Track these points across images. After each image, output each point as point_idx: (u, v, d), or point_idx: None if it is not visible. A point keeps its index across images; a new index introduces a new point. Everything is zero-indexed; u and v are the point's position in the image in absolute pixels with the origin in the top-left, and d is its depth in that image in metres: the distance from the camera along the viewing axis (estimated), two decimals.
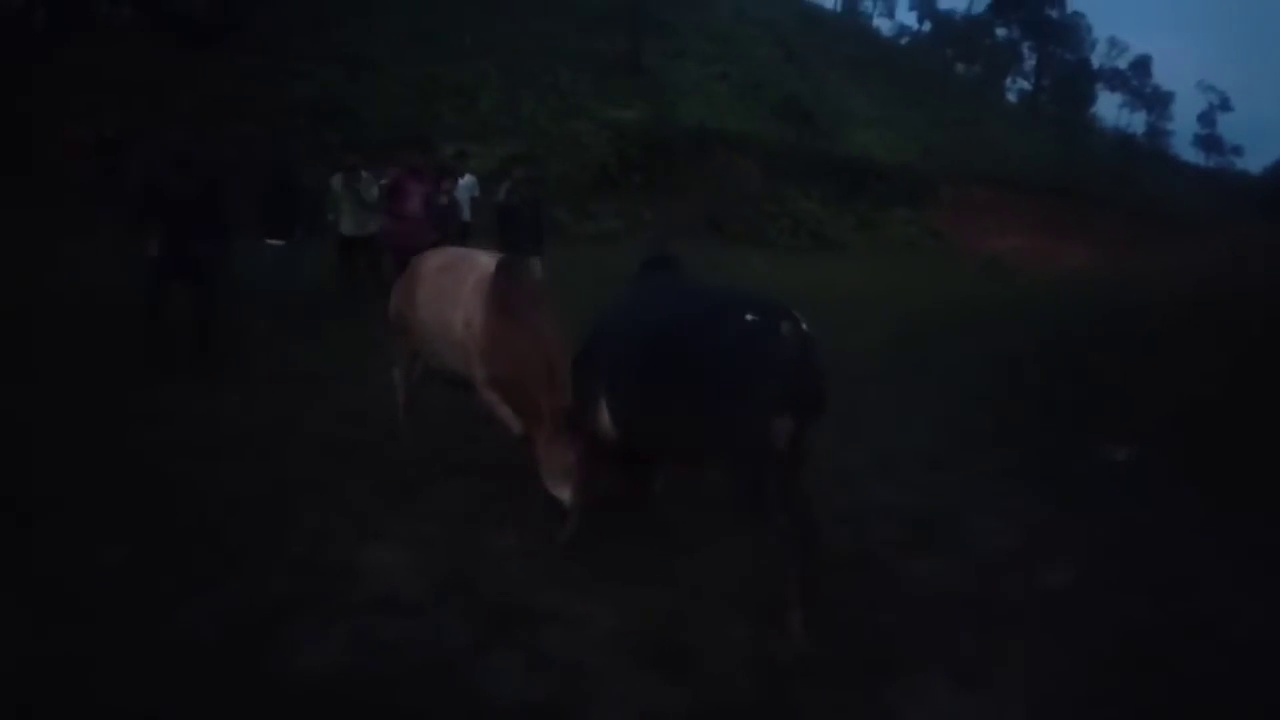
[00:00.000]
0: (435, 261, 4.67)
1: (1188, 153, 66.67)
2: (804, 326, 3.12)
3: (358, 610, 3.08)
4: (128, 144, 12.32)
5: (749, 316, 3.12)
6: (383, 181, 8.88)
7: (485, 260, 4.35)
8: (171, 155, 6.50)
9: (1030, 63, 56.76)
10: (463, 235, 9.91)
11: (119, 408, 5.10)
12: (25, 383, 5.38)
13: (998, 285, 15.55)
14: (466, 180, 11.62)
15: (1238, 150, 68.70)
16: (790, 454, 3.13)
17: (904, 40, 57.92)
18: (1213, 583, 3.48)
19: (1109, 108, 71.29)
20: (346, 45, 19.07)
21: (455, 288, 4.28)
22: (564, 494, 3.71)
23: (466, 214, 11.12)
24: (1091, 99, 61.27)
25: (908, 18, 69.09)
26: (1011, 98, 55.10)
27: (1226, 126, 70.74)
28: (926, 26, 62.79)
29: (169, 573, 3.22)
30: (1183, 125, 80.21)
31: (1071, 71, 56.31)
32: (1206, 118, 68.19)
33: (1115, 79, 64.97)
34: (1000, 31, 55.21)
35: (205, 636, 2.85)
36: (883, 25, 60.15)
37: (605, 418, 3.51)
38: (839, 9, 55.86)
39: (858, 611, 3.25)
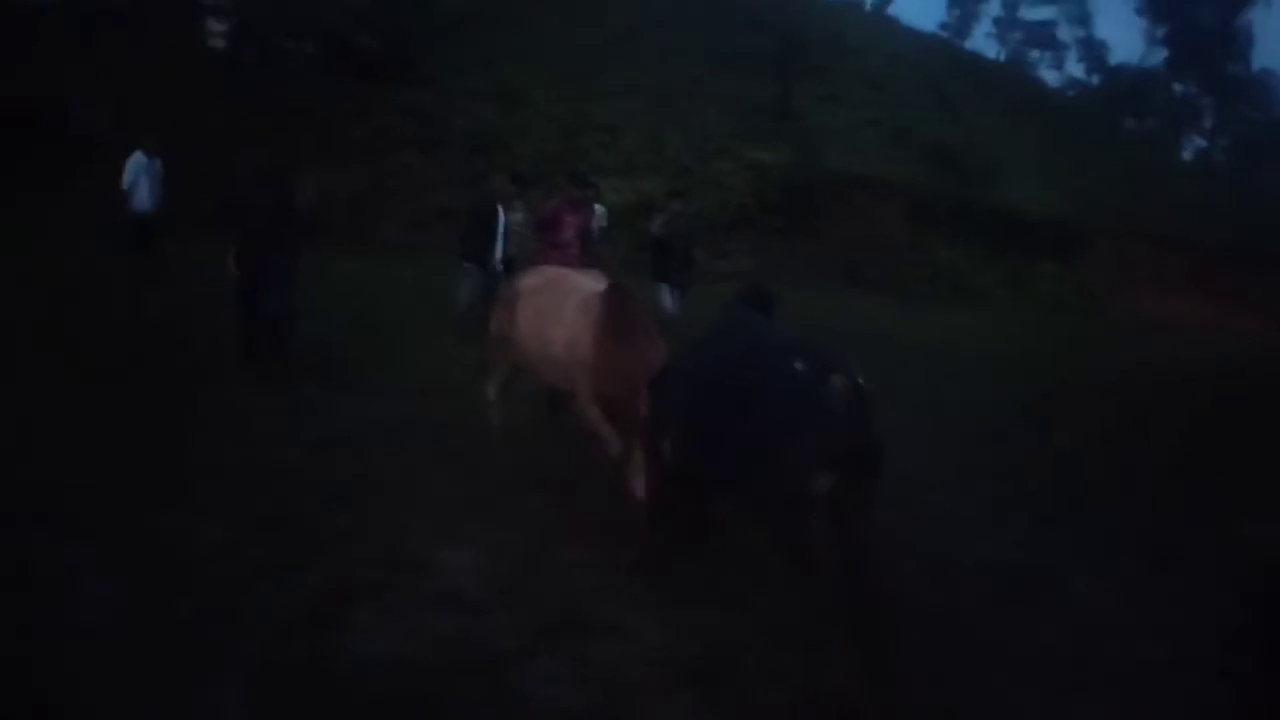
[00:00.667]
0: (534, 281, 4.89)
1: None
2: (858, 380, 3.03)
3: (422, 605, 3.22)
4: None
5: (798, 365, 3.09)
6: (529, 211, 9.33)
7: (586, 282, 4.51)
8: (258, 174, 7.04)
9: (1210, 120, 53.44)
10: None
11: (241, 405, 5.52)
12: (164, 380, 5.90)
13: (1150, 350, 14.65)
14: (597, 212, 11.96)
15: None
16: (845, 510, 3.06)
17: (1071, 93, 55.66)
18: None
19: None
20: (504, 82, 20.04)
21: (557, 306, 4.46)
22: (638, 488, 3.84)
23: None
24: (1277, 159, 56.99)
25: (1076, 69, 66.32)
26: (1187, 156, 51.98)
27: None
28: (1095, 79, 60.15)
29: (257, 554, 3.47)
30: None
31: (1258, 131, 52.54)
32: None
33: None
34: (1177, 87, 52.26)
35: (279, 614, 3.06)
36: (1049, 77, 58.03)
37: (667, 444, 3.56)
38: (1001, 58, 54.32)
39: (931, 664, 3.15)
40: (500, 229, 8.69)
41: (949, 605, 3.65)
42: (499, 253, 8.59)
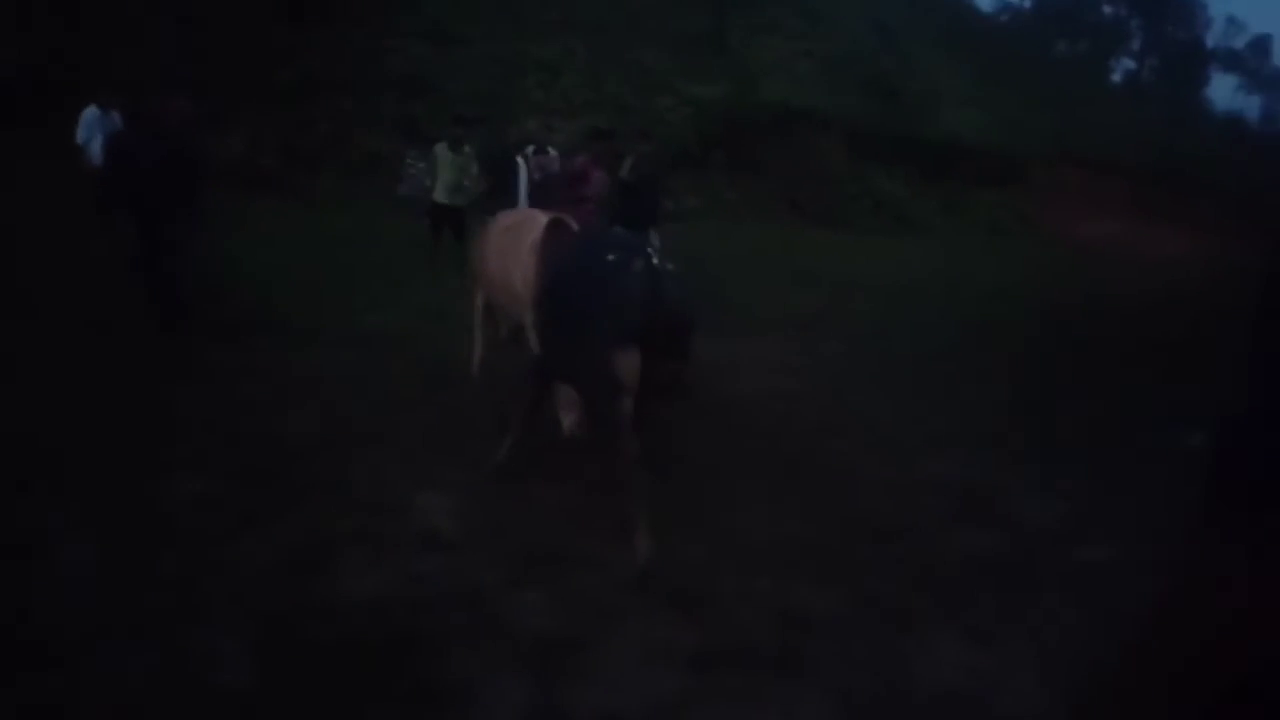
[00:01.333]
0: (505, 221, 4.99)
1: None
2: (660, 264, 3.44)
3: (400, 547, 3.32)
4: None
5: (609, 256, 3.43)
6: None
7: (544, 220, 4.58)
8: (141, 126, 6.26)
9: (1139, 42, 54.23)
10: None
11: (199, 364, 5.48)
12: (116, 340, 5.81)
13: (1084, 272, 15.13)
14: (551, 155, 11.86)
15: None
16: (653, 386, 3.39)
17: (1004, 18, 55.91)
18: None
19: (1223, 90, 67.61)
20: (437, 20, 19.46)
21: (516, 245, 4.55)
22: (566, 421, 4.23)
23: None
24: (1204, 81, 58.16)
25: None
26: (1117, 79, 52.75)
27: None
28: (1028, 3, 60.47)
29: (237, 506, 3.52)
30: None
31: (1182, 51, 53.52)
32: None
33: (1231, 60, 61.50)
34: (1106, 9, 52.85)
35: (263, 562, 3.13)
36: (982, 2, 58.11)
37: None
38: None
39: (886, 575, 3.36)
40: (522, 183, 8.52)
41: (899, 522, 3.86)
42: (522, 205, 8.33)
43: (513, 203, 8.24)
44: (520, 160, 8.79)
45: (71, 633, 2.64)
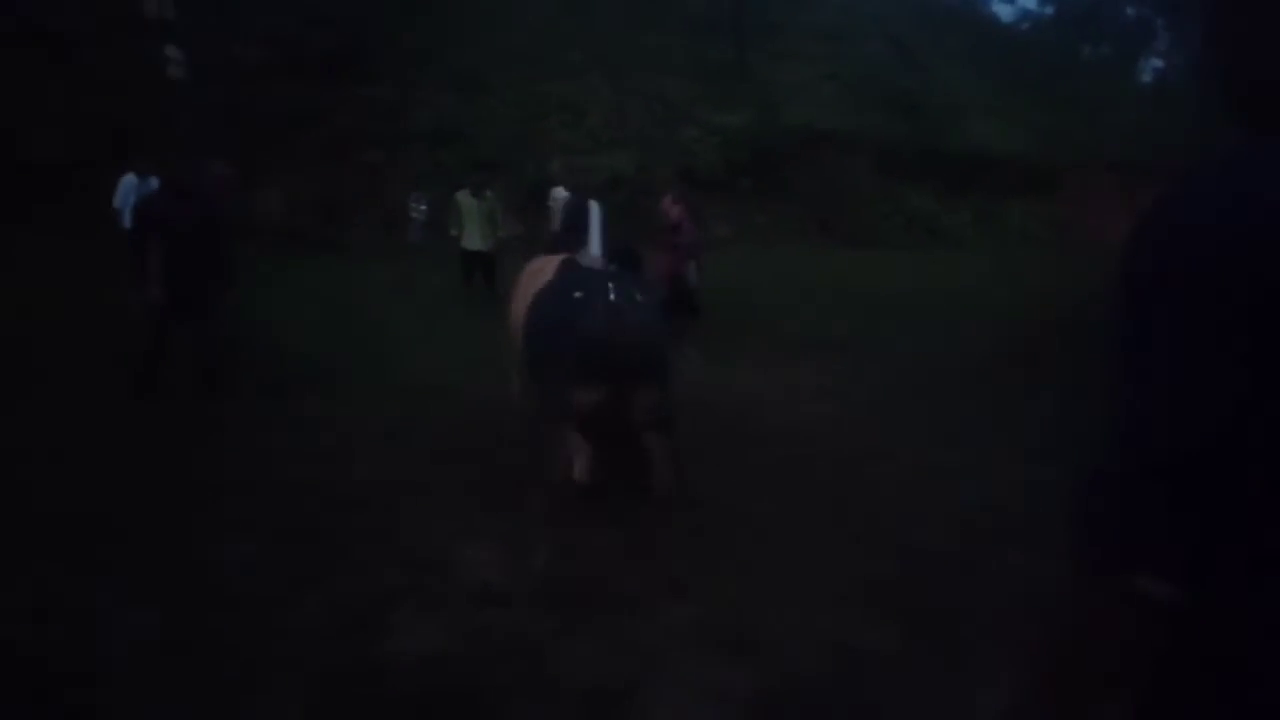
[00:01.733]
0: (532, 265, 5.05)
1: None
2: (620, 304, 3.56)
3: (452, 601, 3.34)
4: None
5: (576, 295, 3.60)
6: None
7: (556, 262, 4.66)
8: (170, 184, 6.27)
9: (1164, 41, 53.48)
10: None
11: (242, 421, 5.59)
12: (160, 400, 5.94)
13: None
14: (557, 190, 12.04)
15: None
16: (633, 420, 3.57)
17: (1024, 26, 55.51)
18: None
19: None
20: (462, 69, 19.84)
21: (530, 288, 4.62)
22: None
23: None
24: None
25: (1028, 0, 66.03)
26: (1146, 79, 51.99)
27: None
28: (1049, 10, 60.00)
29: (288, 566, 3.57)
30: None
31: None
32: None
33: None
34: (1130, 10, 52.28)
35: (318, 623, 3.16)
36: (1003, 12, 57.92)
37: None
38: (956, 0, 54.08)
39: (943, 608, 3.29)
40: (595, 226, 8.55)
41: (952, 551, 3.79)
42: (596, 249, 8.37)
43: (583, 244, 8.15)
44: (593, 204, 8.79)
45: (131, 699, 2.68)
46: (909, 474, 4.84)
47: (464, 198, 9.65)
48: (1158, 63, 55.06)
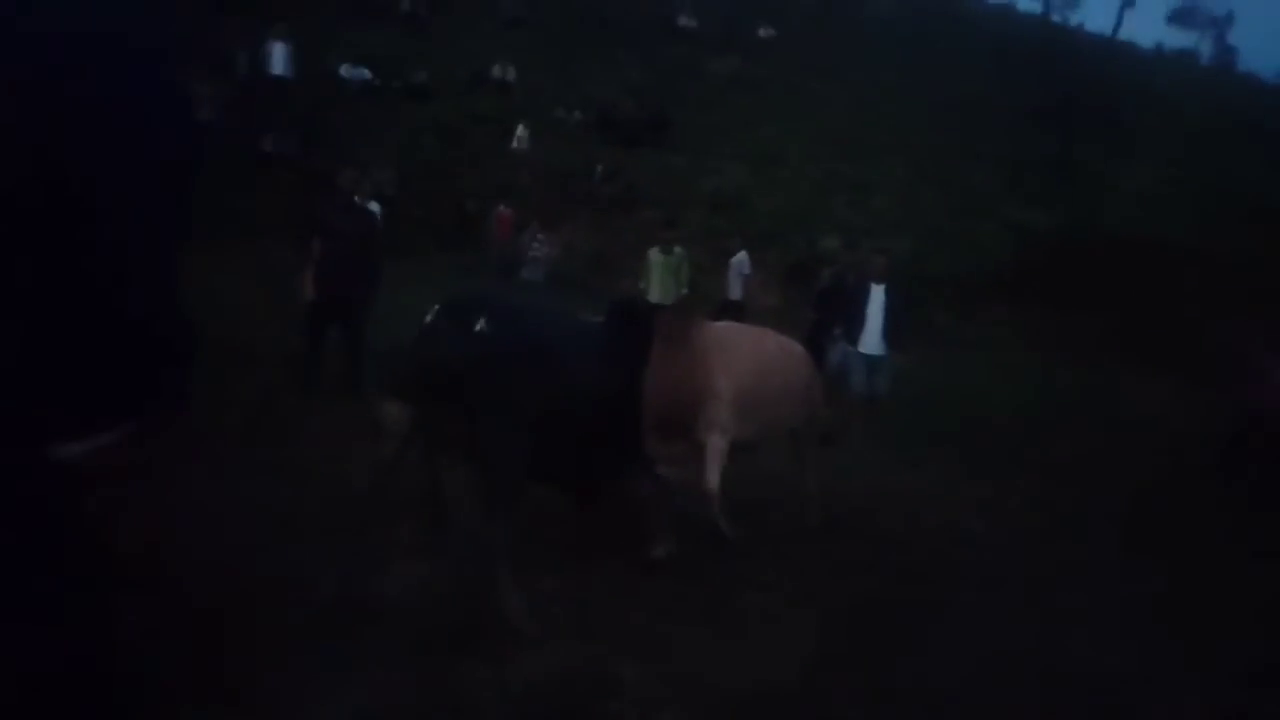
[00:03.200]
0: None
1: None
2: (454, 322, 3.58)
3: None
4: None
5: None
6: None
7: None
8: (343, 201, 6.96)
9: None
10: (735, 313, 10.21)
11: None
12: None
13: None
14: (738, 257, 12.23)
15: None
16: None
17: None
18: None
19: None
20: (761, 143, 20.27)
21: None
22: None
23: (736, 292, 11.85)
24: None
25: None
26: None
27: None
28: None
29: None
30: None
31: None
32: None
33: None
34: None
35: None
36: None
37: None
38: None
39: None
40: (876, 308, 8.31)
41: None
42: (876, 333, 8.27)
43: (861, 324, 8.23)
44: (874, 286, 8.48)
45: None
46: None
47: (654, 254, 9.87)
48: None
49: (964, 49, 25.16)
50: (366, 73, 19.69)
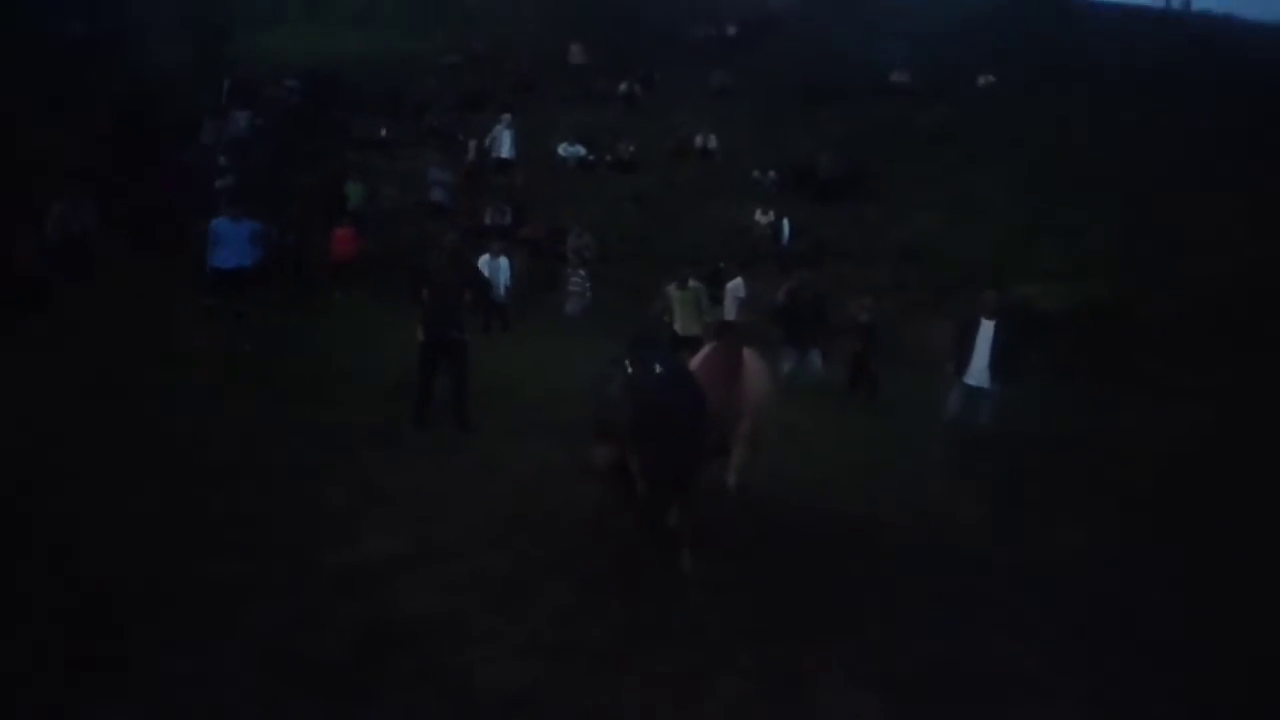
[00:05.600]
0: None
1: None
2: (635, 377, 4.30)
3: None
4: None
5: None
6: None
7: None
8: (450, 256, 8.03)
9: None
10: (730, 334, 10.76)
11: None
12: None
13: None
14: (734, 283, 13.40)
15: None
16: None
17: None
18: None
19: None
20: (957, 191, 19.90)
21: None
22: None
23: (732, 314, 12.61)
24: None
25: None
26: None
27: None
28: None
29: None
30: None
31: None
32: None
33: None
34: None
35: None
36: None
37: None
38: None
39: None
40: (985, 342, 8.57)
41: None
42: (983, 367, 8.54)
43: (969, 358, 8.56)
44: (984, 320, 8.69)
45: None
46: None
47: (673, 289, 10.99)
48: None
49: (1202, 77, 23.14)
50: (581, 150, 21.76)
